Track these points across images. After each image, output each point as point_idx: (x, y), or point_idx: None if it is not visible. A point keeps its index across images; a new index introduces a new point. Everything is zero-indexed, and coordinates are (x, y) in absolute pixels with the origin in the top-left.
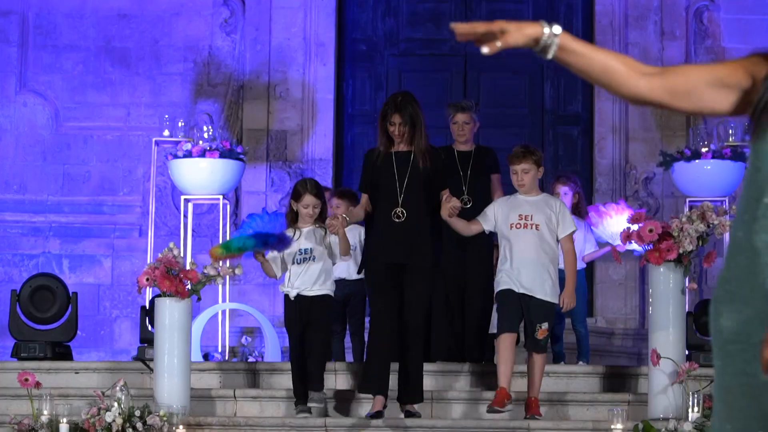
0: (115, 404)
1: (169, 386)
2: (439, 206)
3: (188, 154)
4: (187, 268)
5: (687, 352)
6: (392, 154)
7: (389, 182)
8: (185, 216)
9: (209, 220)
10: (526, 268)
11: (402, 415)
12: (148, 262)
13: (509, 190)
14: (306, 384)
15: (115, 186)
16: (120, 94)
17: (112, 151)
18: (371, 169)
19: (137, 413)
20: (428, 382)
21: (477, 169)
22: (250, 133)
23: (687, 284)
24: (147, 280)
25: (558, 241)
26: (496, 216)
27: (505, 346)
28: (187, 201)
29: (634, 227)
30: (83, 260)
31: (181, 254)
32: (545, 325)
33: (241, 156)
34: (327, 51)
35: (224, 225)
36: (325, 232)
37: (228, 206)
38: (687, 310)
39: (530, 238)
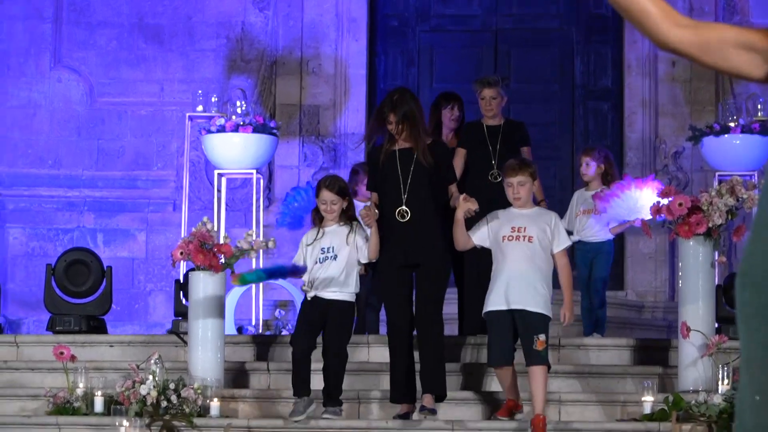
0: (150, 377)
1: (203, 359)
2: (447, 202)
3: (222, 129)
4: (221, 242)
5: (716, 325)
6: (395, 152)
7: (393, 181)
8: (219, 190)
9: (243, 195)
10: (518, 280)
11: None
12: (182, 236)
13: (539, 162)
14: (307, 376)
15: (149, 161)
16: (153, 70)
17: (146, 126)
18: (375, 168)
19: (171, 386)
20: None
21: (506, 143)
22: (283, 108)
23: (716, 258)
24: (181, 254)
25: (553, 255)
26: (489, 229)
27: (502, 375)
28: (220, 175)
29: (664, 201)
30: (118, 234)
31: (215, 228)
32: (542, 337)
33: (274, 131)
34: (359, 27)
35: (258, 199)
36: (350, 231)
37: (261, 180)
38: (716, 283)
39: (523, 251)
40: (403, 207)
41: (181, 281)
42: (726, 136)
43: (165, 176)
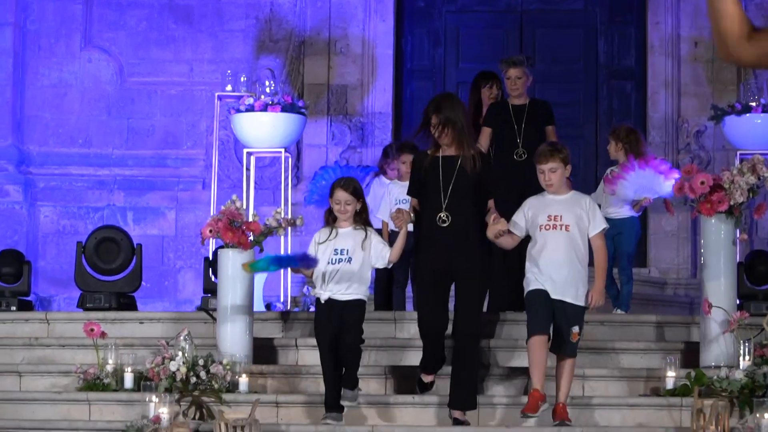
0: (179, 353)
1: (232, 335)
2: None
3: (250, 108)
4: (250, 219)
5: (738, 302)
6: (439, 158)
7: (434, 186)
8: (248, 169)
9: (271, 173)
10: (557, 271)
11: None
12: (212, 214)
13: (563, 140)
14: (338, 391)
15: (179, 140)
16: (183, 50)
17: (175, 106)
18: (419, 173)
19: (201, 362)
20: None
21: (531, 122)
22: (311, 87)
23: (738, 235)
24: (210, 231)
25: (589, 239)
26: (526, 217)
27: (537, 347)
28: (249, 154)
29: (687, 179)
30: (147, 212)
31: (244, 206)
32: (576, 329)
33: (302, 110)
34: (386, 7)
35: (286, 178)
36: (365, 238)
37: (289, 159)
38: (738, 260)
39: (561, 240)
40: (443, 212)
41: (210, 259)
42: (747, 115)
43: (194, 155)
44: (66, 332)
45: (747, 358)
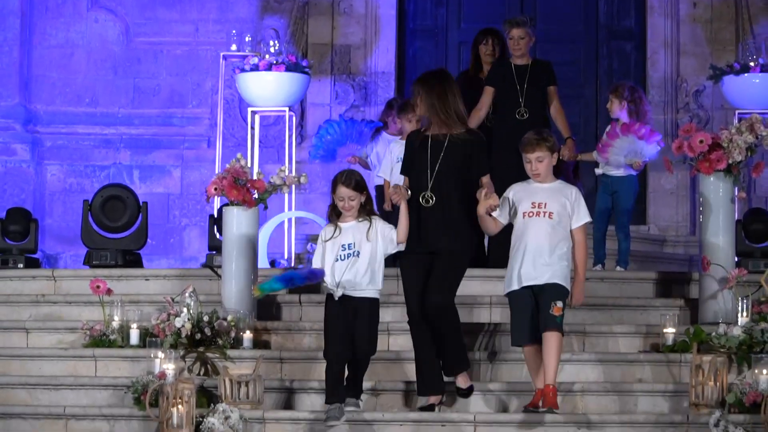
0: (185, 310)
1: (237, 292)
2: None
3: (255, 68)
4: (254, 177)
5: (736, 259)
6: (428, 137)
7: (421, 166)
8: (252, 127)
9: (276, 132)
10: (537, 256)
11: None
12: (217, 172)
13: (564, 99)
14: (341, 384)
15: (185, 99)
16: (189, 10)
17: (181, 66)
18: (410, 152)
19: (206, 318)
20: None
21: (533, 82)
22: (315, 47)
23: (736, 193)
24: (215, 189)
25: (571, 231)
26: (510, 204)
27: (529, 357)
28: (254, 113)
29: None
30: (153, 171)
31: (249, 164)
32: (560, 303)
33: (307, 69)
34: None
35: (290, 136)
36: (370, 227)
37: (294, 118)
38: (736, 218)
39: (543, 227)
40: (428, 192)
41: (215, 216)
42: (746, 75)
43: (200, 114)
44: (72, 289)
45: (745, 314)
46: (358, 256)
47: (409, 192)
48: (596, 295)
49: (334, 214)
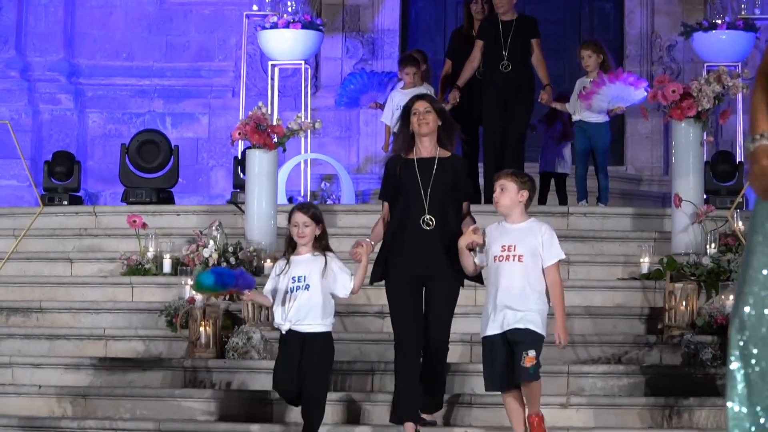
0: (211, 242)
1: (258, 226)
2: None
3: (274, 26)
4: (274, 123)
5: (705, 196)
6: (412, 160)
7: (413, 189)
8: (272, 79)
9: (293, 83)
10: (509, 302)
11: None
12: (240, 118)
13: (550, 54)
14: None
15: (211, 53)
16: None
17: (208, 24)
18: (392, 177)
19: (230, 249)
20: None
21: (517, 36)
22: (328, 7)
23: (705, 137)
24: (239, 134)
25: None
26: (486, 246)
27: (507, 402)
28: (273, 66)
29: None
30: (184, 118)
31: (269, 112)
32: (532, 353)
33: (320, 27)
34: None
35: (306, 86)
36: (325, 264)
37: (309, 70)
38: (705, 159)
39: (513, 271)
40: (427, 215)
41: (239, 158)
42: (714, 31)
43: (225, 67)
44: (111, 223)
45: (713, 246)
46: (308, 290)
47: (373, 244)
48: (579, 228)
49: (290, 248)
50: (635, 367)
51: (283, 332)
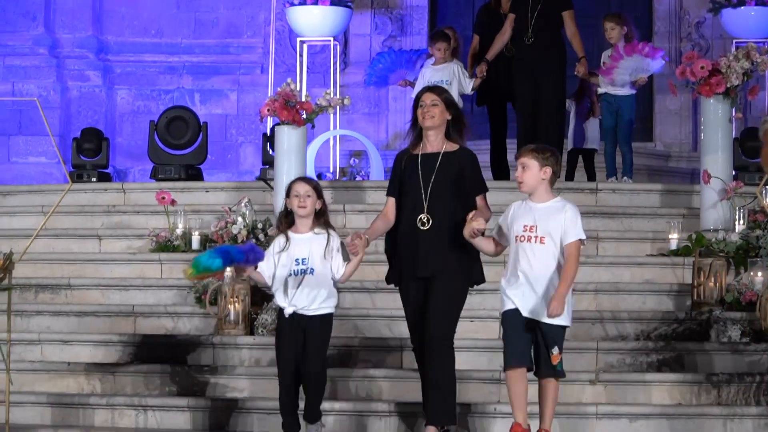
0: (240, 218)
1: None
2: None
3: (303, 2)
4: (303, 100)
5: (734, 173)
6: (417, 156)
7: (413, 186)
8: (301, 55)
9: (322, 59)
10: (532, 288)
11: None
12: (269, 95)
13: (581, 30)
14: (295, 414)
15: (240, 30)
16: None
17: (236, 0)
18: (398, 172)
19: (259, 226)
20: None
21: (543, 10)
22: None
23: (734, 114)
24: (268, 110)
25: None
26: (507, 223)
27: (514, 380)
28: (302, 42)
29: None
30: (212, 94)
31: (298, 88)
32: (556, 350)
33: (349, 3)
34: None
35: (335, 63)
36: (328, 242)
37: (338, 47)
38: (734, 136)
39: (536, 254)
40: (425, 215)
41: (268, 134)
42: (742, 8)
43: (254, 43)
44: (140, 200)
45: (742, 222)
46: (311, 273)
47: (369, 240)
48: (608, 204)
49: (285, 223)
50: (664, 344)
51: (286, 315)
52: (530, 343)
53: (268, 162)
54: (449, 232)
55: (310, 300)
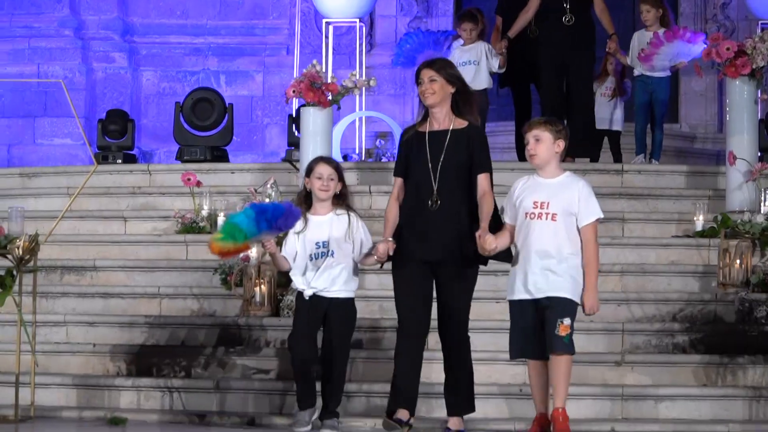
0: (266, 199)
1: None
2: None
3: None
4: (329, 81)
5: (759, 154)
6: (424, 133)
7: (422, 165)
8: (326, 36)
9: (347, 40)
10: (540, 265)
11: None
12: (295, 76)
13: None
14: (313, 390)
15: (266, 11)
16: None
17: None
18: (405, 150)
19: None
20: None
21: None
22: None
23: (759, 95)
24: (294, 92)
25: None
26: (514, 201)
27: (532, 372)
28: (328, 24)
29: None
30: (238, 76)
31: (323, 70)
32: (567, 321)
33: None
34: None
35: (360, 44)
36: (349, 224)
37: (363, 28)
38: (759, 117)
39: (546, 231)
40: (434, 195)
41: (294, 116)
42: None
43: (279, 25)
44: (166, 181)
45: (767, 203)
46: (332, 256)
47: (392, 241)
48: (634, 185)
49: (305, 204)
50: (689, 325)
51: (306, 297)
52: (534, 334)
53: (294, 143)
54: (459, 214)
55: (330, 282)
